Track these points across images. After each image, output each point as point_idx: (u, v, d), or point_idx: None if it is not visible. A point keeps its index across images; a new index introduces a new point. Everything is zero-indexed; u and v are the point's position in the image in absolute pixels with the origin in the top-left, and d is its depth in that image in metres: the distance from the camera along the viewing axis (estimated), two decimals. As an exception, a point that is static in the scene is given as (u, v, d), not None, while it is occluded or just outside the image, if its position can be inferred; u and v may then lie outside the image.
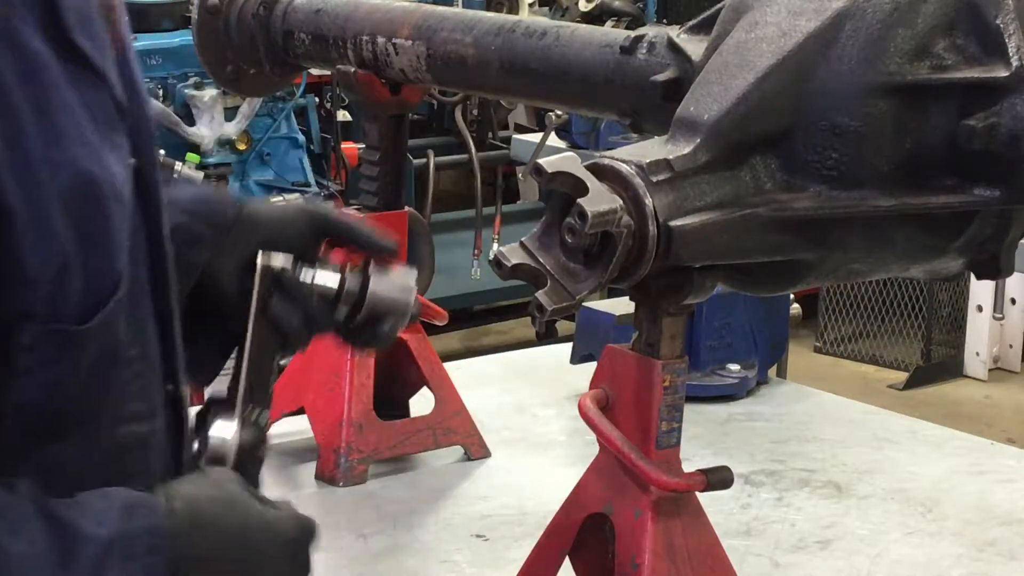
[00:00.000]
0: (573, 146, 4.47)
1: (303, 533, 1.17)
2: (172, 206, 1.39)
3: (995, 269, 1.56)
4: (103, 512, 1.07)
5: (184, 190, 1.40)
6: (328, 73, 2.58)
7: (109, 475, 1.10)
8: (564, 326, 5.89)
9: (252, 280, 1.26)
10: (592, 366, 1.60)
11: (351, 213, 1.33)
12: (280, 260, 1.26)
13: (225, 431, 1.20)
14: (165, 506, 1.10)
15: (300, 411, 2.40)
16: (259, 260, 1.25)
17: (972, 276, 1.60)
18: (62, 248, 1.01)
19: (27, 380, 1.03)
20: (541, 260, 1.39)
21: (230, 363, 1.30)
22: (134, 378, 1.12)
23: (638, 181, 1.39)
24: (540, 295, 1.38)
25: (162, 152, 5.49)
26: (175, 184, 1.41)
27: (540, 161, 1.37)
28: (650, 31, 1.83)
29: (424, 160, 6.01)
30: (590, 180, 1.37)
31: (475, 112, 6.38)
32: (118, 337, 1.08)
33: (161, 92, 5.53)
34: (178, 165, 5.44)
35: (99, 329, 1.05)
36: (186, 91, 5.55)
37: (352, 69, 2.28)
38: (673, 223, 1.39)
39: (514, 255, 1.40)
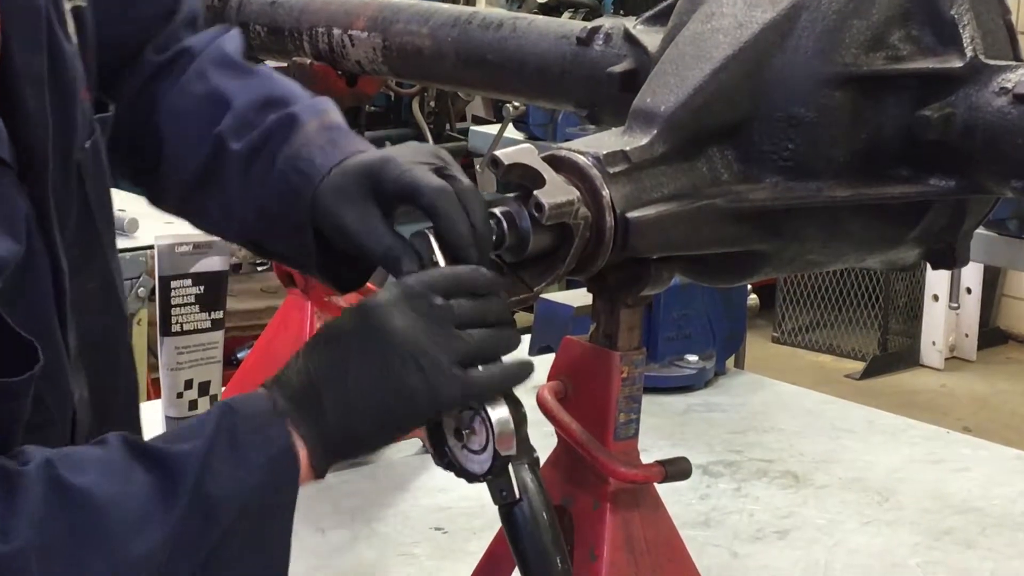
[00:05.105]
0: (530, 137, 4.47)
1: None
2: (269, 156, 1.35)
3: (950, 259, 1.56)
4: (193, 428, 1.09)
5: (296, 138, 1.36)
6: (284, 65, 2.56)
7: None
8: (522, 318, 5.88)
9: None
10: (550, 358, 1.59)
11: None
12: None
13: (502, 412, 1.23)
14: (263, 393, 1.13)
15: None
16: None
17: (928, 266, 1.60)
18: None
19: None
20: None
21: None
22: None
23: (595, 172, 1.38)
24: (497, 287, 1.37)
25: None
26: (291, 122, 1.38)
27: (497, 153, 1.36)
28: (607, 22, 1.83)
29: (381, 152, 5.99)
30: (547, 171, 1.36)
31: (432, 104, 6.37)
32: None
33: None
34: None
35: None
36: (141, 84, 5.51)
37: (308, 61, 2.27)
38: (630, 214, 1.38)
39: (471, 247, 1.39)
